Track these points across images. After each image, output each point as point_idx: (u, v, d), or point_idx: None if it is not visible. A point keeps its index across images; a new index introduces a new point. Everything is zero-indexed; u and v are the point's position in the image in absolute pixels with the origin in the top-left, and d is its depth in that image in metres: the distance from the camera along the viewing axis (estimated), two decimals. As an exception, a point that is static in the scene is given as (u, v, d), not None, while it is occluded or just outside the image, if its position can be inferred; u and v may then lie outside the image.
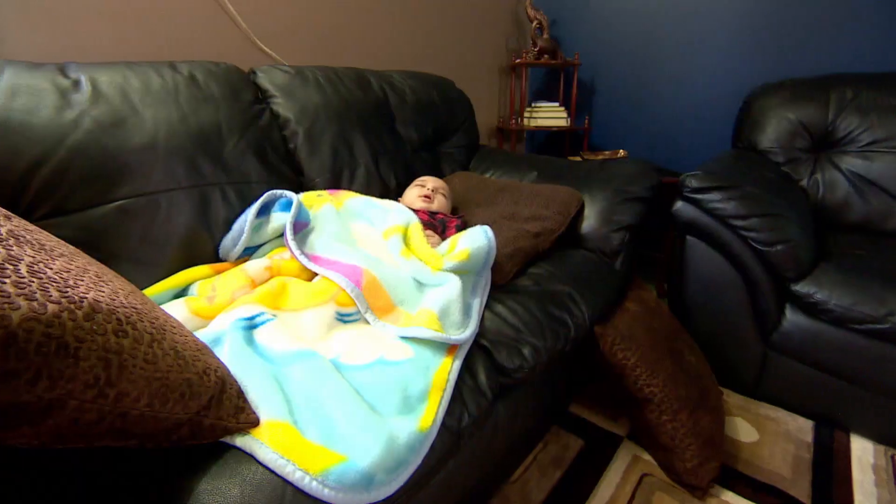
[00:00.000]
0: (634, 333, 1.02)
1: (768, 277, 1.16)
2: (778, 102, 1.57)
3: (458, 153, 1.57)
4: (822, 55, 1.69)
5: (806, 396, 1.19)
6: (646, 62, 2.07)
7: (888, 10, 1.56)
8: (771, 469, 1.07)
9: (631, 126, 2.15)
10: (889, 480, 1.04)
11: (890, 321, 1.00)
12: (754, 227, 1.13)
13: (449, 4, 1.93)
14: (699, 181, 1.19)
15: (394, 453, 0.56)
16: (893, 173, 1.37)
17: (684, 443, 0.98)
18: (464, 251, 0.87)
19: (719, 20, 1.85)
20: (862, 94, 1.45)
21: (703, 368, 1.13)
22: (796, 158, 1.53)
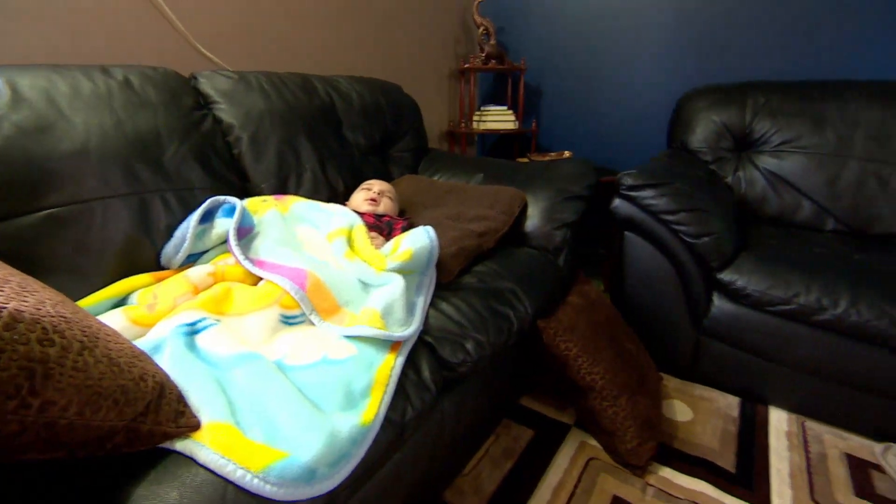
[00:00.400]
0: (576, 325, 1.07)
1: (697, 268, 1.25)
2: (704, 106, 1.69)
3: (406, 157, 1.60)
4: (741, 64, 1.84)
5: (733, 376, 1.29)
6: (589, 68, 2.17)
7: (791, 29, 1.72)
8: (703, 444, 1.15)
9: (576, 128, 2.24)
10: (799, 445, 1.14)
11: (795, 302, 1.11)
12: (683, 220, 1.22)
13: (397, 11, 1.95)
14: (634, 179, 1.27)
15: (336, 447, 0.58)
16: (800, 171, 1.50)
17: (624, 426, 1.04)
18: (406, 251, 0.89)
19: (654, 29, 1.97)
20: (772, 100, 1.58)
21: (642, 356, 1.20)
22: (722, 157, 1.65)
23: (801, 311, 1.11)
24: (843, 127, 1.47)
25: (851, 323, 1.06)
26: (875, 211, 1.41)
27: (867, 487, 1.04)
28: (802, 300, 1.11)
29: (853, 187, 1.44)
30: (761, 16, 1.77)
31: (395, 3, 1.94)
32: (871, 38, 1.62)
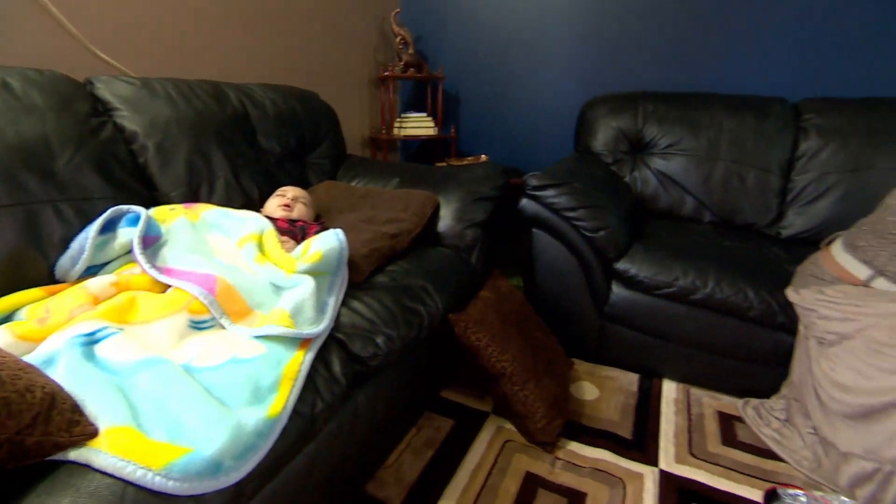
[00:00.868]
0: (486, 318, 1.15)
1: (597, 259, 1.38)
2: (603, 113, 1.86)
3: (324, 163, 1.62)
4: (634, 75, 2.04)
5: (633, 355, 1.44)
6: (503, 77, 2.30)
7: (673, 46, 1.94)
8: (606, 418, 1.27)
9: (493, 133, 2.37)
10: (684, 409, 1.30)
11: (676, 285, 1.27)
12: (582, 216, 1.34)
13: (315, 20, 1.97)
14: (538, 180, 1.38)
15: (242, 439, 0.60)
16: (682, 170, 1.70)
17: (534, 407, 1.13)
18: (316, 253, 0.92)
19: (560, 43, 2.13)
20: (658, 108, 1.78)
21: (550, 342, 1.31)
22: (620, 159, 1.82)
23: (680, 292, 1.27)
24: (712, 132, 1.68)
25: (717, 299, 1.23)
26: (738, 204, 1.64)
27: (732, 437, 1.21)
28: (681, 283, 1.27)
29: (722, 184, 1.66)
30: (650, 34, 1.98)
31: (313, 13, 1.96)
32: (733, 58, 1.87)
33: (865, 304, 0.96)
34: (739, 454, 1.16)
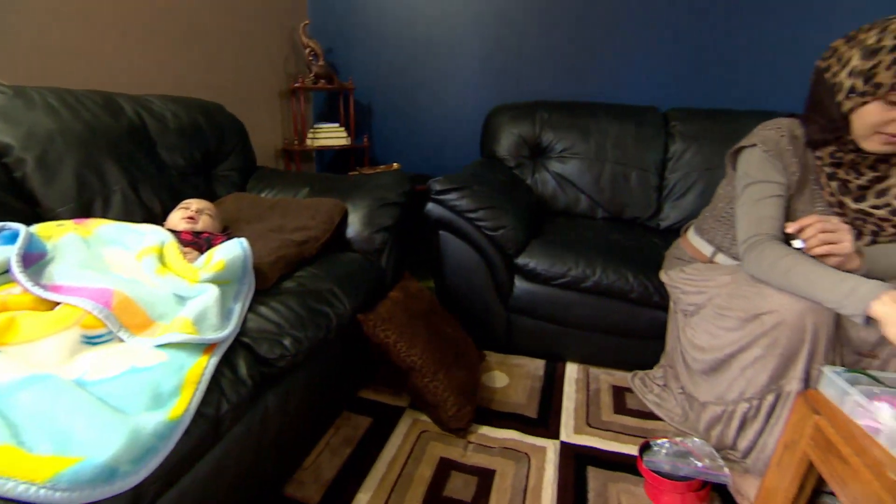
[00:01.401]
0: (394, 316, 1.21)
1: (499, 256, 1.49)
2: (505, 120, 2.00)
3: (233, 176, 1.60)
4: (532, 85, 2.22)
5: (538, 342, 1.56)
6: (413, 87, 2.39)
7: (565, 60, 2.14)
8: (515, 402, 1.38)
9: (405, 142, 2.45)
10: (583, 387, 1.45)
11: (569, 275, 1.41)
12: (482, 217, 1.45)
13: (221, 31, 1.94)
14: (441, 185, 1.47)
15: (139, 443, 0.61)
16: (576, 172, 1.88)
17: (444, 396, 1.20)
18: (219, 262, 0.94)
19: (465, 55, 2.27)
20: (553, 116, 1.95)
21: (459, 336, 1.39)
22: (522, 163, 1.97)
23: (573, 281, 1.41)
24: (600, 137, 1.88)
25: (604, 285, 1.38)
26: (625, 201, 1.84)
27: (622, 406, 1.37)
28: (573, 273, 1.41)
29: (610, 184, 1.85)
30: (546, 48, 2.17)
31: (220, 25, 1.93)
32: (615, 72, 2.11)
33: (711, 278, 1.14)
34: (628, 419, 1.32)
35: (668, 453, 1.04)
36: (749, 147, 1.07)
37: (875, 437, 0.70)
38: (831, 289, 0.85)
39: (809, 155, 1.04)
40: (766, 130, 1.06)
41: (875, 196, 1.01)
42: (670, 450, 1.05)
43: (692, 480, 1.00)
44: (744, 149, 1.09)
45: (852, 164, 1.00)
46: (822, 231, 0.90)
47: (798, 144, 1.04)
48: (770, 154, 1.02)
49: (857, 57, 0.89)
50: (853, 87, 0.90)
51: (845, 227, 0.91)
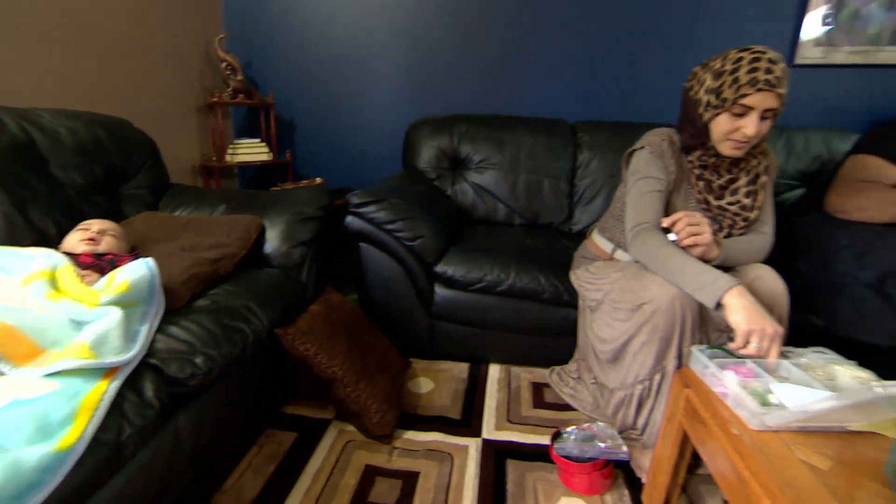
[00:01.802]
0: (314, 329, 1.23)
1: (419, 265, 1.54)
2: (425, 134, 2.07)
3: (142, 194, 1.54)
4: (451, 99, 2.31)
5: (461, 347, 1.63)
6: (334, 101, 2.41)
7: (481, 74, 2.26)
8: (440, 405, 1.43)
9: (328, 156, 2.46)
10: (505, 386, 1.53)
11: (485, 280, 1.49)
12: (400, 228, 1.49)
13: (130, 42, 1.86)
14: (358, 198, 1.50)
15: (20, 477, 0.59)
16: (494, 182, 1.99)
17: (367, 404, 1.23)
18: (122, 283, 0.91)
19: (385, 71, 2.32)
20: (470, 129, 2.05)
21: (381, 344, 1.42)
22: (442, 175, 2.04)
23: (489, 285, 1.49)
24: (514, 149, 2.00)
25: (518, 288, 1.48)
26: (539, 207, 1.97)
27: (540, 400, 1.46)
28: (489, 277, 1.49)
29: (525, 192, 1.97)
30: (462, 64, 2.27)
31: (128, 36, 1.85)
32: (527, 86, 2.25)
33: (607, 275, 1.26)
34: (546, 413, 1.40)
35: (577, 439, 1.13)
36: (639, 150, 1.22)
37: (725, 400, 0.82)
38: (696, 277, 0.99)
39: (684, 159, 1.20)
40: (652, 136, 1.22)
41: (730, 195, 1.18)
42: (578, 436, 1.14)
43: (597, 460, 1.09)
44: (635, 151, 1.24)
45: (714, 167, 1.17)
46: (689, 224, 1.05)
47: (675, 149, 1.19)
48: (654, 155, 1.17)
49: (709, 78, 1.07)
50: (708, 102, 1.07)
51: (706, 220, 1.07)
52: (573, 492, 1.11)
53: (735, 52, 1.04)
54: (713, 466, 0.81)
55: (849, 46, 2.08)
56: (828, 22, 2.07)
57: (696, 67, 1.14)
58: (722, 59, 1.06)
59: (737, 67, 1.02)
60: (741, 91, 1.01)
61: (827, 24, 2.08)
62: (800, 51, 2.11)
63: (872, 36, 2.06)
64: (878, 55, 2.07)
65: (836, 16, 2.05)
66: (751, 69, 1.00)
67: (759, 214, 1.21)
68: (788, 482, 0.65)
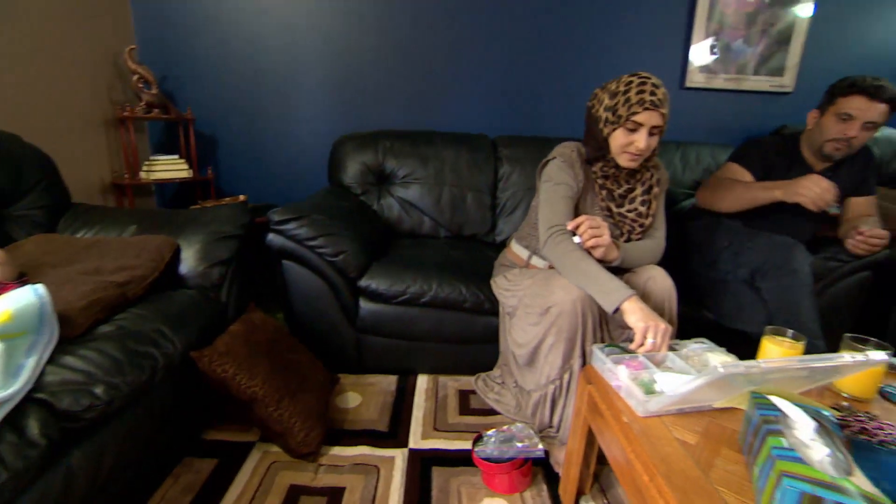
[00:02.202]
0: (233, 349, 1.20)
1: (342, 280, 1.55)
2: (351, 150, 2.09)
3: (36, 215, 1.43)
4: (376, 115, 2.34)
5: (389, 359, 1.64)
6: (259, 117, 2.36)
7: (406, 92, 2.32)
8: (367, 418, 1.43)
9: (253, 173, 2.40)
10: (433, 395, 1.56)
11: (408, 292, 1.52)
12: (322, 244, 1.50)
13: (26, 51, 1.72)
14: (279, 215, 1.49)
15: None
16: (419, 196, 2.03)
17: (291, 422, 1.21)
18: (4, 313, 0.85)
19: (311, 83, 2.31)
20: (395, 145, 2.09)
21: (306, 361, 1.41)
22: (368, 190, 2.06)
23: (412, 297, 1.53)
24: (437, 163, 2.06)
25: (440, 299, 1.52)
26: (463, 220, 2.04)
27: (466, 407, 1.51)
28: (412, 290, 1.52)
29: (450, 205, 2.04)
30: (386, 81, 2.32)
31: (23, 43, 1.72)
32: (450, 102, 2.34)
33: (520, 282, 1.33)
34: (471, 419, 1.45)
35: (496, 441, 1.19)
36: (551, 160, 1.32)
37: (619, 392, 0.90)
38: (603, 284, 1.10)
39: (589, 169, 1.31)
40: (562, 148, 1.33)
41: (628, 203, 1.30)
42: (497, 438, 1.19)
43: (515, 460, 1.14)
44: (548, 162, 1.33)
45: (614, 177, 1.29)
46: (591, 227, 1.15)
47: (582, 160, 1.30)
48: (566, 164, 1.27)
49: (606, 98, 1.19)
50: (607, 119, 1.19)
51: (605, 224, 1.18)
52: (495, 492, 1.16)
53: (627, 77, 1.17)
54: (610, 454, 0.89)
55: (724, 74, 2.36)
56: (714, 52, 2.34)
57: (597, 89, 1.26)
58: (616, 81, 1.19)
59: (628, 89, 1.15)
60: (632, 109, 1.14)
61: (714, 53, 2.35)
62: (688, 76, 2.36)
63: (741, 66, 2.35)
64: (746, 82, 2.38)
65: (718, 46, 2.33)
66: (639, 91, 1.14)
67: (653, 221, 1.34)
68: (663, 458, 0.73)
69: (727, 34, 2.32)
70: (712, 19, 2.30)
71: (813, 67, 2.38)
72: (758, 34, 2.33)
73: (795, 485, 0.55)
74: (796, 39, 2.34)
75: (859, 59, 2.41)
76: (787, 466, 0.59)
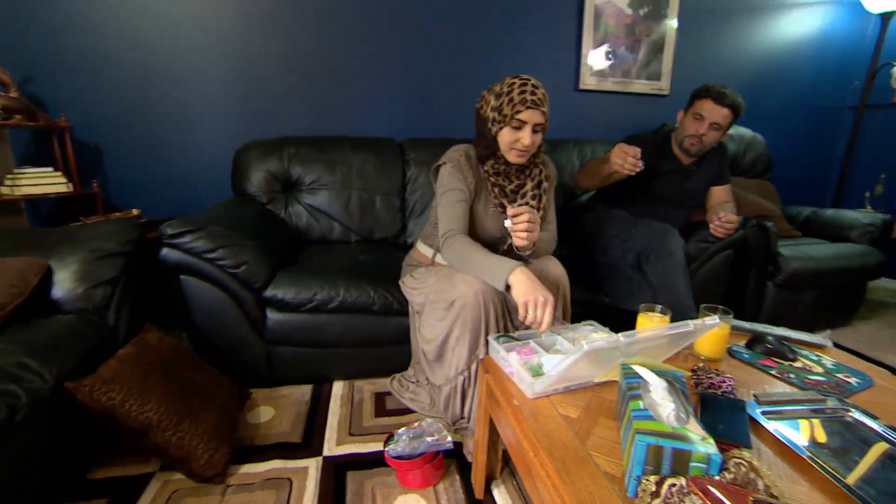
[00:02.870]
0: (119, 374, 1.11)
1: (247, 291, 1.49)
2: (254, 157, 2.01)
3: None
4: (281, 121, 2.28)
5: (302, 369, 1.61)
6: (153, 125, 2.18)
7: (310, 98, 2.27)
8: (279, 431, 1.39)
9: (148, 185, 2.22)
10: (348, 401, 1.55)
11: (315, 299, 1.50)
12: (221, 256, 1.43)
13: None
14: (173, 228, 1.41)
15: None
16: (327, 202, 2.01)
17: (192, 445, 1.15)
18: None
19: (211, 89, 2.19)
20: (300, 151, 2.05)
21: (211, 379, 1.34)
22: (274, 198, 2.00)
23: (320, 304, 1.51)
24: (345, 168, 2.05)
25: (349, 303, 1.52)
26: (372, 224, 2.05)
27: (382, 409, 1.51)
28: (319, 296, 1.51)
29: (358, 209, 2.03)
30: (290, 87, 2.26)
31: None
32: (357, 108, 2.33)
33: (426, 279, 1.37)
34: (387, 420, 1.46)
35: (407, 438, 1.21)
36: (442, 165, 1.36)
37: (511, 377, 0.96)
38: (489, 266, 1.17)
39: (481, 169, 1.37)
40: (451, 153, 1.37)
41: (520, 198, 1.38)
42: (408, 435, 1.22)
43: (426, 454, 1.17)
44: (440, 167, 1.37)
45: (505, 174, 1.36)
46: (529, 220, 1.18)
47: (472, 162, 1.36)
48: (455, 169, 1.32)
49: (492, 99, 1.26)
50: (494, 118, 1.26)
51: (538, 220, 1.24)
52: (409, 488, 1.18)
53: (509, 79, 1.25)
54: (506, 438, 0.95)
55: (612, 78, 2.58)
56: (610, 58, 2.55)
57: (484, 91, 1.33)
58: (500, 84, 1.27)
59: (511, 90, 1.23)
60: (516, 108, 1.22)
61: (609, 59, 2.55)
62: (581, 79, 2.55)
63: (626, 71, 2.59)
64: (632, 85, 2.62)
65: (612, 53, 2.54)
66: (521, 91, 1.22)
67: (546, 214, 1.44)
68: (547, 434, 0.79)
69: (612, 42, 2.53)
70: (598, 29, 2.50)
71: (683, 73, 2.67)
72: (637, 43, 2.57)
73: (644, 439, 0.63)
74: (668, 48, 2.61)
75: (717, 66, 2.75)
76: (641, 425, 0.67)
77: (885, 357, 1.98)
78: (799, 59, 2.89)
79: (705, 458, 0.62)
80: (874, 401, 0.91)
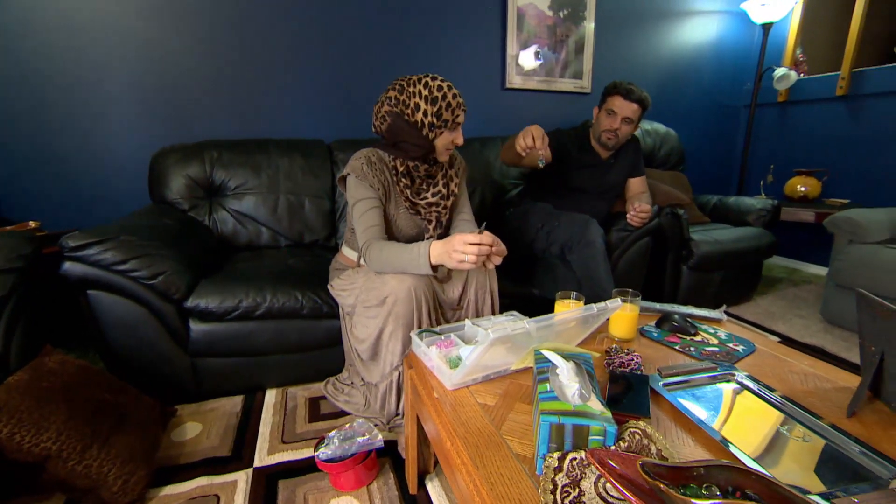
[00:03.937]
0: (9, 404, 1.02)
1: (166, 303, 1.42)
2: (173, 162, 1.91)
3: None
4: (200, 126, 2.17)
5: (231, 380, 1.55)
6: (53, 131, 2.01)
7: (233, 101, 2.19)
8: (207, 447, 1.34)
9: (50, 195, 2.05)
10: (281, 408, 1.51)
11: (241, 307, 1.45)
12: (134, 267, 1.35)
13: None
14: (75, 240, 1.31)
15: None
16: (254, 207, 1.95)
17: (102, 472, 1.08)
18: None
19: (123, 93, 2.05)
20: (224, 155, 1.97)
21: (126, 399, 1.26)
22: (197, 205, 1.91)
23: (246, 311, 1.46)
24: (271, 171, 1.99)
25: (276, 309, 1.48)
26: (302, 227, 2.00)
27: (316, 414, 1.49)
28: (245, 303, 1.46)
29: (287, 213, 1.98)
30: (212, 88, 2.16)
31: None
32: (284, 110, 2.27)
33: (355, 280, 1.36)
34: (321, 424, 1.44)
35: (338, 440, 1.19)
36: (347, 175, 1.34)
37: (433, 371, 0.98)
38: (411, 257, 1.18)
39: (387, 172, 1.36)
40: (353, 161, 1.35)
41: (433, 187, 1.41)
42: (339, 437, 1.20)
43: (357, 455, 1.17)
44: (344, 178, 1.36)
45: (415, 168, 1.36)
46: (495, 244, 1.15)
47: (375, 167, 1.34)
48: (359, 178, 1.31)
49: (424, 104, 1.26)
50: (433, 123, 1.27)
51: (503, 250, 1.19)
52: (342, 491, 1.17)
53: (426, 81, 1.27)
54: (428, 431, 0.96)
55: (537, 77, 2.68)
56: (539, 58, 2.63)
57: (390, 94, 1.30)
58: (420, 87, 1.26)
59: (444, 95, 1.26)
60: (455, 112, 1.28)
61: (539, 59, 2.64)
62: (507, 79, 2.62)
63: (549, 70, 2.69)
64: (556, 84, 2.73)
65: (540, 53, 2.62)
66: (454, 96, 1.27)
67: (458, 203, 1.47)
68: (464, 422, 0.81)
69: (535, 42, 2.62)
70: (522, 30, 2.58)
71: (602, 73, 2.81)
72: (560, 44, 2.68)
73: (547, 419, 0.67)
74: (587, 49, 2.74)
75: (634, 66, 2.92)
76: (546, 406, 0.70)
77: (776, 325, 2.20)
78: (703, 61, 3.13)
79: (601, 430, 0.66)
80: (755, 363, 1.02)
